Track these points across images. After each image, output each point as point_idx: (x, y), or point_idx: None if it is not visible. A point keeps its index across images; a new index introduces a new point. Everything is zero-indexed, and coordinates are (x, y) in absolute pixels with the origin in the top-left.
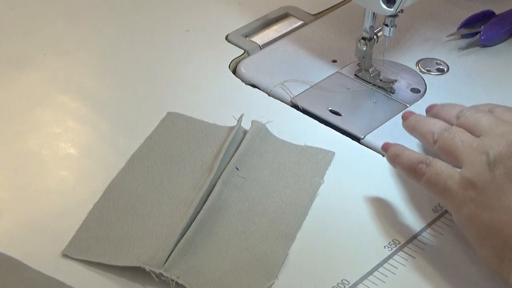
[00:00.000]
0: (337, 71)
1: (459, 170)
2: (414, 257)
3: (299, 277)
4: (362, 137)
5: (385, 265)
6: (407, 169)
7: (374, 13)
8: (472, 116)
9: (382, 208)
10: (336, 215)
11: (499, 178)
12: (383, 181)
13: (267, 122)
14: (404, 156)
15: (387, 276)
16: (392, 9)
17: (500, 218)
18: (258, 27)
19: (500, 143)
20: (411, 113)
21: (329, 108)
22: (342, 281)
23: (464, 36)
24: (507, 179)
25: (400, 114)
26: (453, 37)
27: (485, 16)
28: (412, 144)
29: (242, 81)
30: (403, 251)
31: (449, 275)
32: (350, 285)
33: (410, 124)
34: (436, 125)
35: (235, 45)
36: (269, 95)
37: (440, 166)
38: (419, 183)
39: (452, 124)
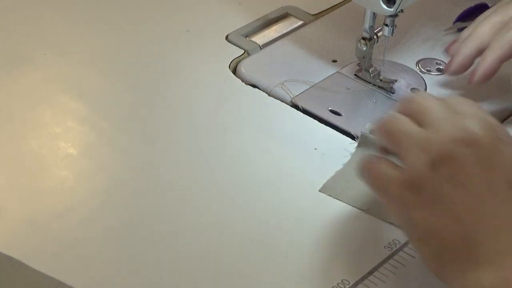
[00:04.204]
0: (337, 71)
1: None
2: (414, 257)
3: (299, 277)
4: None
5: (385, 265)
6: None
7: (374, 13)
8: (423, 103)
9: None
10: (336, 215)
11: (440, 179)
12: None
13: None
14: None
15: (387, 276)
16: (392, 9)
17: (439, 220)
18: (258, 27)
19: (445, 141)
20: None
21: (329, 108)
22: (342, 281)
23: (460, 30)
24: (447, 180)
25: None
26: (450, 31)
27: (480, 9)
28: None
29: (242, 81)
30: (403, 251)
31: None
32: (350, 285)
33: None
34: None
35: (235, 45)
36: (269, 95)
37: (382, 167)
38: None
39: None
